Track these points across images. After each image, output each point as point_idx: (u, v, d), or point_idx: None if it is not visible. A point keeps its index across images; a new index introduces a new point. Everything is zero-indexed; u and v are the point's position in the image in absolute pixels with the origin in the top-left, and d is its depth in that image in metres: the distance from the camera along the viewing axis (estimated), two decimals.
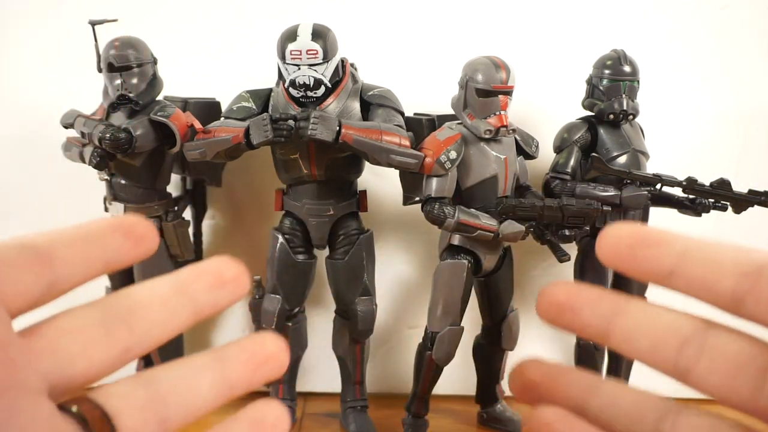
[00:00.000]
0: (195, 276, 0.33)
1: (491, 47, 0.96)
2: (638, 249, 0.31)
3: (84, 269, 0.29)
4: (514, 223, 0.93)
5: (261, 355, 0.33)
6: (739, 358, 0.29)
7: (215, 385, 0.31)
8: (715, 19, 1.12)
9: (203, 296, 0.32)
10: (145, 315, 0.30)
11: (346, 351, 1.05)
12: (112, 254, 0.30)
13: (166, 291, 0.31)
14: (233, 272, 0.33)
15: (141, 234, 0.31)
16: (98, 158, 0.94)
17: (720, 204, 0.99)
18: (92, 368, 0.28)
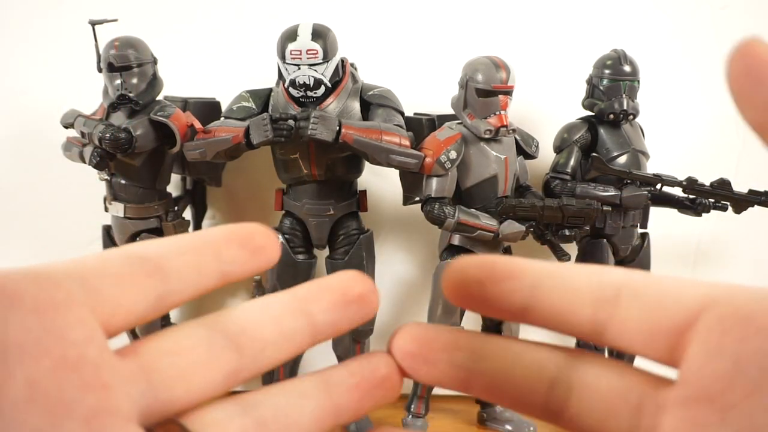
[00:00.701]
0: (316, 293, 0.30)
1: (491, 47, 0.96)
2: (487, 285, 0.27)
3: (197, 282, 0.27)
4: (514, 223, 0.93)
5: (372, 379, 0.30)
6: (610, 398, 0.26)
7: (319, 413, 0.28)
8: (715, 19, 1.12)
9: (323, 316, 0.29)
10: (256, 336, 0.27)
11: (346, 351, 1.05)
12: (229, 266, 0.28)
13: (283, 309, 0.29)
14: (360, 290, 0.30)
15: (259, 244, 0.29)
16: (98, 158, 0.94)
17: (720, 204, 0.99)
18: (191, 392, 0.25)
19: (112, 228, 1.04)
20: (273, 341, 0.28)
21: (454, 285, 0.28)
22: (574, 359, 0.28)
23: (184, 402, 0.25)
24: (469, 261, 0.28)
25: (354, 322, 0.30)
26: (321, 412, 0.28)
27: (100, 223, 1.05)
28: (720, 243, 1.17)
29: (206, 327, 0.27)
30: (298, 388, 0.28)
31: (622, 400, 0.26)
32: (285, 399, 0.28)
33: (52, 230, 1.15)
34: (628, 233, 1.03)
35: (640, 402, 0.25)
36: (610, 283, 0.26)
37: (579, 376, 0.27)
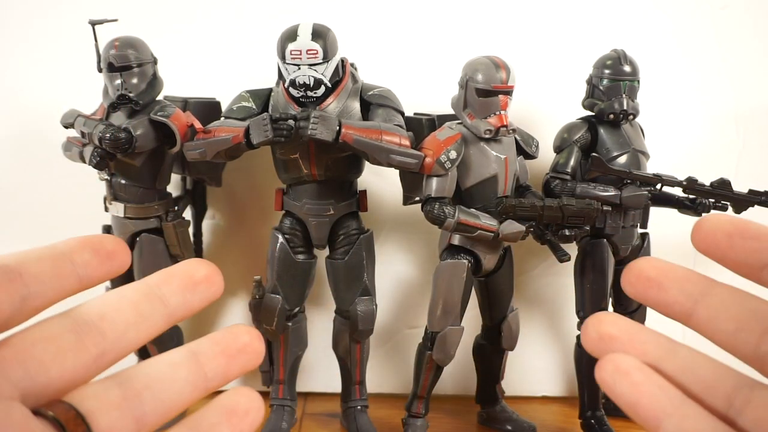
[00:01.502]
0: (165, 279, 0.33)
1: (491, 47, 0.96)
2: (736, 239, 0.30)
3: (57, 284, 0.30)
4: (514, 223, 0.93)
5: (234, 346, 0.33)
6: None
7: (190, 380, 0.32)
8: (715, 19, 1.12)
9: (175, 298, 0.33)
10: (116, 319, 0.31)
11: (346, 351, 1.05)
12: (83, 270, 0.31)
13: (137, 295, 0.32)
14: (204, 272, 0.34)
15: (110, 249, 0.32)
16: (98, 158, 0.94)
17: (720, 204, 0.99)
18: (66, 374, 0.28)
19: (112, 228, 1.04)
20: (133, 323, 0.31)
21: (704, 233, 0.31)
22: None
23: (61, 383, 0.28)
24: (722, 217, 0.31)
25: (204, 301, 0.34)
26: (191, 378, 0.32)
27: (100, 223, 1.05)
28: None
29: (70, 317, 0.30)
30: (168, 359, 0.32)
31: None
32: (156, 369, 0.31)
33: (52, 230, 1.14)
34: (628, 233, 1.03)
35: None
36: None
37: None
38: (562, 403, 1.19)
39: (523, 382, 1.19)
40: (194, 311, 0.34)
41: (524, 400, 1.18)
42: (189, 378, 0.32)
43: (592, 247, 1.03)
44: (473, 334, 1.08)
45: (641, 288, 0.32)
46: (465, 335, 1.00)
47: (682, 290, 0.32)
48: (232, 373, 0.33)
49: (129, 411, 0.29)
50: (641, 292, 0.32)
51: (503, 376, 1.08)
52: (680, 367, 0.31)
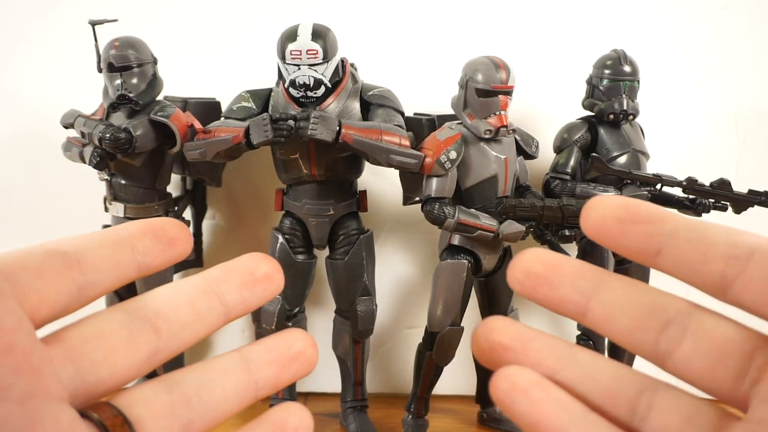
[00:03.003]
0: (224, 275, 0.32)
1: (491, 47, 0.96)
2: (627, 224, 0.29)
3: (115, 273, 0.29)
4: (514, 223, 0.93)
5: (288, 354, 0.32)
6: (724, 343, 0.28)
7: (240, 387, 0.30)
8: (715, 19, 1.12)
9: (233, 295, 0.31)
10: (171, 317, 0.29)
11: (346, 351, 1.05)
12: (144, 257, 0.30)
13: (194, 291, 0.31)
14: (265, 269, 0.32)
15: (172, 236, 0.31)
16: (98, 158, 0.94)
17: (720, 204, 0.99)
18: (117, 374, 0.27)
19: None
20: (188, 322, 0.30)
21: (594, 219, 0.29)
22: (693, 308, 0.29)
23: (111, 383, 0.27)
24: (611, 199, 0.29)
25: (262, 299, 0.32)
26: (241, 386, 0.30)
27: (100, 223, 1.05)
28: None
29: (124, 312, 0.29)
30: (219, 365, 0.31)
31: (736, 347, 0.27)
32: (207, 376, 0.30)
33: (52, 230, 1.14)
34: None
35: (752, 352, 0.27)
36: (745, 243, 0.27)
37: (696, 321, 0.28)
38: None
39: None
40: (251, 310, 0.33)
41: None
42: (239, 386, 0.30)
43: (592, 247, 1.03)
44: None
45: (530, 286, 0.30)
46: (465, 335, 1.00)
47: (574, 286, 0.29)
48: (282, 382, 0.32)
49: (177, 419, 0.28)
50: (530, 291, 0.30)
51: None
52: (580, 375, 0.29)
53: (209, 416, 0.29)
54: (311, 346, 0.32)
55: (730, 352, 0.27)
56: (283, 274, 0.33)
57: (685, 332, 0.28)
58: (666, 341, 0.28)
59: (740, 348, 0.27)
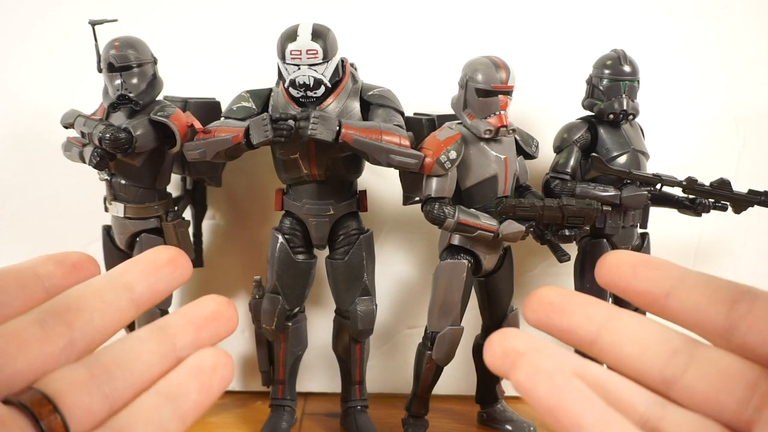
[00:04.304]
0: (127, 265, 0.35)
1: (491, 47, 0.96)
2: (640, 269, 0.31)
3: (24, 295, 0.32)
4: (514, 223, 0.93)
5: (201, 315, 0.34)
6: (729, 371, 0.29)
7: (159, 351, 0.32)
8: (715, 19, 1.12)
9: (139, 283, 0.34)
10: (81, 309, 0.32)
11: (346, 351, 1.05)
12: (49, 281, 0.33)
13: (100, 284, 0.33)
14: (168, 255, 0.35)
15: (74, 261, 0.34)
16: (98, 158, 0.94)
17: (720, 204, 0.99)
18: (34, 364, 0.30)
19: (112, 228, 1.04)
20: (98, 311, 0.32)
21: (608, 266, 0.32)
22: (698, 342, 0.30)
23: (29, 373, 0.29)
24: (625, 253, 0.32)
25: (171, 283, 0.35)
26: (160, 350, 0.32)
27: (100, 223, 1.05)
28: (720, 243, 1.18)
29: (35, 313, 0.31)
30: (136, 335, 0.33)
31: (740, 375, 0.28)
32: (123, 347, 0.32)
33: (52, 230, 1.15)
34: (628, 233, 1.03)
35: (757, 381, 0.28)
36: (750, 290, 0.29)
37: (701, 351, 0.30)
38: None
39: None
40: (161, 296, 0.35)
41: (524, 400, 1.18)
42: (157, 350, 0.32)
43: (592, 247, 1.03)
44: (473, 334, 1.08)
45: (543, 314, 0.32)
46: (465, 335, 1.00)
47: (585, 316, 0.31)
48: (203, 342, 0.34)
49: (97, 387, 0.30)
50: (543, 319, 0.32)
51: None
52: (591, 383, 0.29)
53: (131, 381, 0.31)
54: (226, 304, 0.35)
55: (735, 379, 0.28)
56: (190, 260, 0.35)
57: (691, 360, 0.29)
58: (672, 368, 0.30)
59: (744, 376, 0.28)
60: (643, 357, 0.30)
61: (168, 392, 0.31)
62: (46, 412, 0.28)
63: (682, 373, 0.29)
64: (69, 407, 0.29)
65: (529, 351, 0.30)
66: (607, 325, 0.31)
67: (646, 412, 0.29)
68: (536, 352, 0.30)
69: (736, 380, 0.28)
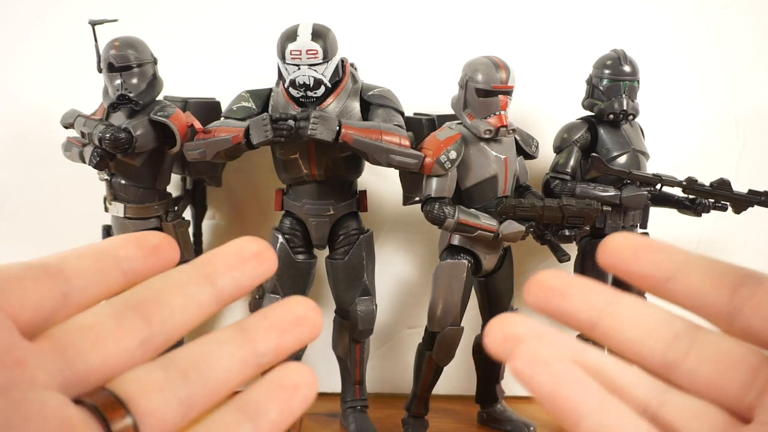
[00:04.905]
0: (212, 258, 0.32)
1: (491, 47, 0.96)
2: (641, 252, 0.31)
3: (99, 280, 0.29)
4: (514, 223, 0.93)
5: (287, 318, 0.32)
6: (731, 355, 0.28)
7: (239, 356, 0.30)
8: (715, 19, 1.12)
9: (223, 277, 0.31)
10: (160, 303, 0.30)
11: (346, 351, 1.05)
12: (128, 264, 0.30)
13: (182, 277, 0.31)
14: (254, 249, 0.33)
15: (154, 244, 0.31)
16: (98, 158, 0.94)
17: (720, 204, 0.99)
18: (108, 361, 0.27)
19: (112, 228, 1.04)
20: (179, 306, 0.30)
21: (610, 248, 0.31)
22: (700, 326, 0.30)
23: (103, 370, 0.27)
24: (627, 234, 0.31)
25: (255, 278, 0.32)
26: (240, 355, 0.30)
27: (100, 223, 1.05)
28: (720, 243, 1.18)
29: (111, 304, 0.29)
30: (215, 338, 0.31)
31: (742, 359, 0.28)
32: (202, 349, 0.30)
33: (52, 230, 1.15)
34: None
35: (760, 364, 0.28)
36: (754, 273, 0.28)
37: (703, 335, 0.29)
38: None
39: None
40: (244, 291, 0.32)
41: (524, 400, 1.17)
42: (237, 355, 0.30)
43: (592, 247, 1.03)
44: (473, 334, 1.08)
45: (543, 297, 0.31)
46: (465, 335, 1.00)
47: (586, 300, 0.31)
48: (286, 347, 0.31)
49: (173, 392, 0.28)
50: (543, 302, 0.31)
51: (503, 376, 1.08)
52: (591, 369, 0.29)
53: (209, 388, 0.29)
54: (312, 309, 0.32)
55: (737, 363, 0.28)
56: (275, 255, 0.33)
57: (693, 344, 0.29)
58: (674, 352, 0.29)
59: (747, 360, 0.28)
60: (644, 341, 0.30)
61: (247, 409, 0.29)
62: (117, 416, 0.26)
63: (683, 358, 0.29)
64: (142, 413, 0.27)
65: (529, 336, 0.30)
66: (607, 309, 0.31)
67: (647, 398, 0.29)
68: (536, 338, 0.30)
69: (739, 364, 0.28)
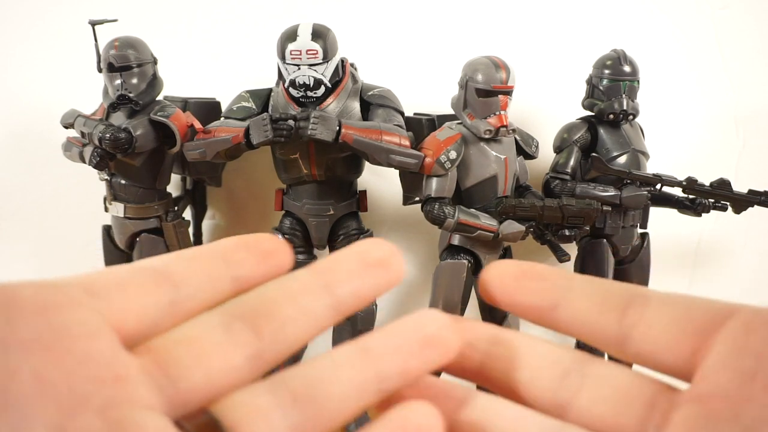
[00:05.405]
0: (332, 262, 0.29)
1: (491, 47, 0.96)
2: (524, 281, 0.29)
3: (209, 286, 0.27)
4: (514, 223, 0.93)
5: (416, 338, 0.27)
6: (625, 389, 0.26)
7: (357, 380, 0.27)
8: (715, 19, 1.12)
9: (344, 287, 0.28)
10: (272, 314, 0.27)
11: None
12: (238, 269, 0.28)
13: (298, 286, 0.28)
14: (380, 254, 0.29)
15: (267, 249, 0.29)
16: (98, 158, 0.94)
17: (720, 204, 0.99)
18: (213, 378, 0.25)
19: (112, 228, 1.04)
20: (292, 318, 0.27)
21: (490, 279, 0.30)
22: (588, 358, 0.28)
23: (207, 389, 0.25)
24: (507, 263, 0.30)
25: (379, 287, 0.29)
26: (360, 380, 0.27)
27: (100, 223, 1.05)
28: (720, 243, 1.18)
29: (219, 314, 0.26)
30: (331, 359, 0.27)
31: (637, 393, 0.26)
32: (317, 372, 0.27)
33: (52, 230, 1.15)
34: (628, 233, 1.03)
35: (654, 397, 0.26)
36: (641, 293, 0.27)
37: (594, 370, 0.28)
38: None
39: None
40: (369, 299, 0.29)
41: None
42: (356, 379, 0.27)
43: (592, 247, 1.03)
44: None
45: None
46: None
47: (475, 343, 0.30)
48: (413, 371, 0.27)
49: (282, 421, 0.25)
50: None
51: None
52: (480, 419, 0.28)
53: (323, 416, 0.26)
54: (447, 327, 0.28)
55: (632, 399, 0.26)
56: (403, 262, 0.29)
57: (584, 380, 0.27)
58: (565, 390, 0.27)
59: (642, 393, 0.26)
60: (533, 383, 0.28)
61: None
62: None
63: (575, 396, 0.27)
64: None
65: None
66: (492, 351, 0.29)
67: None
68: None
69: (633, 399, 0.26)
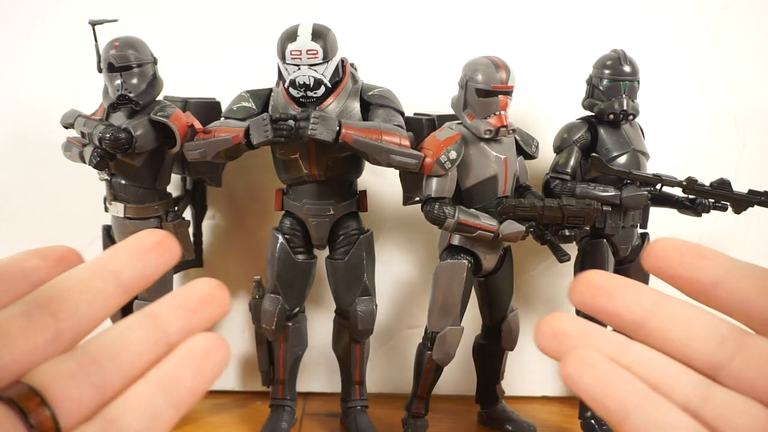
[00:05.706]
0: (113, 251, 0.34)
1: (491, 47, 0.96)
2: (688, 257, 0.31)
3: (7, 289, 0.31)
4: (514, 223, 0.93)
5: (192, 299, 0.33)
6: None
7: (149, 338, 0.32)
8: (715, 19, 1.12)
9: (126, 269, 0.33)
10: (66, 298, 0.31)
11: (346, 351, 1.05)
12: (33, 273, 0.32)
13: (86, 273, 0.32)
14: (154, 239, 0.34)
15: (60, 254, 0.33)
16: (98, 158, 0.94)
17: (720, 204, 0.99)
18: (21, 357, 0.29)
19: (112, 228, 1.04)
20: (84, 300, 0.31)
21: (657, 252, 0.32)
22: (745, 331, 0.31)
23: (15, 367, 0.29)
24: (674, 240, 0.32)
25: (159, 267, 0.34)
26: (150, 337, 0.32)
27: (100, 223, 1.05)
28: (720, 243, 1.18)
29: (20, 303, 0.31)
30: (124, 324, 0.32)
31: None
32: (112, 335, 0.31)
33: (52, 230, 1.15)
34: (628, 233, 1.03)
35: None
36: None
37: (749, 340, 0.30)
38: (562, 403, 1.19)
39: (523, 382, 1.19)
40: (150, 280, 0.34)
41: (524, 400, 1.18)
42: (147, 337, 0.32)
43: (592, 247, 1.03)
44: (473, 334, 1.08)
45: (590, 296, 0.32)
46: (465, 335, 1.00)
47: (633, 300, 0.32)
48: (195, 326, 0.33)
49: (86, 378, 0.29)
50: (589, 301, 0.32)
51: (503, 376, 1.08)
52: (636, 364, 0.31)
53: (122, 371, 0.31)
54: (218, 287, 0.34)
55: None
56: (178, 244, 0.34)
57: (739, 348, 0.30)
58: (720, 355, 0.30)
59: None
60: (690, 343, 0.31)
61: (160, 380, 0.31)
62: (33, 405, 0.28)
63: (729, 360, 0.30)
64: (57, 400, 0.28)
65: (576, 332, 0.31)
66: (655, 311, 0.31)
67: (690, 394, 0.30)
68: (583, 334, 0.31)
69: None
